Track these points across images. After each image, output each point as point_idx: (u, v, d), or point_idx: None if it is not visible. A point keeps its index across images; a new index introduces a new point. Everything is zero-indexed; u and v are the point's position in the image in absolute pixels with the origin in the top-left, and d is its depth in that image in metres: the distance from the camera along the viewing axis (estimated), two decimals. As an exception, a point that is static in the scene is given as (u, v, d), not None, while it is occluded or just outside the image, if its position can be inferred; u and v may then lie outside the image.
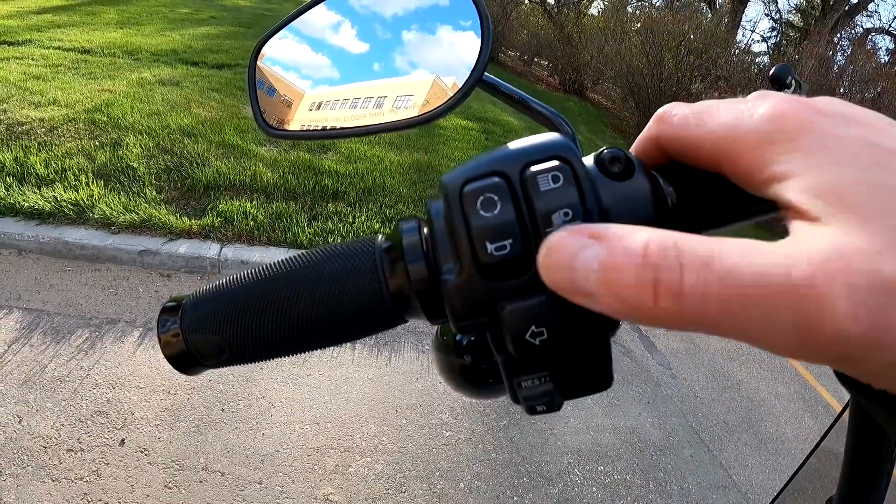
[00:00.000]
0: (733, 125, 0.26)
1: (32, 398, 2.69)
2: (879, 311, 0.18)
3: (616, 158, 0.29)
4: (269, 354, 0.36)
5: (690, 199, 0.30)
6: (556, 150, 0.28)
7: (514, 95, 0.56)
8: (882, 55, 17.59)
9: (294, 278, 0.34)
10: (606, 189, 0.28)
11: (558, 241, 0.24)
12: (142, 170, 4.47)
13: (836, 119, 0.23)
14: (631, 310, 0.22)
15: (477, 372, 0.45)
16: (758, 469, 3.31)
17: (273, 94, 0.66)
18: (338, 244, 0.35)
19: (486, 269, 0.27)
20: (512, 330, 0.27)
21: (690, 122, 0.28)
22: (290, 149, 5.40)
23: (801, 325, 0.19)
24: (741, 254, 0.20)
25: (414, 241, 0.31)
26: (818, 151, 0.22)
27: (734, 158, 0.26)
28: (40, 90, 5.41)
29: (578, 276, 0.23)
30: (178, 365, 0.37)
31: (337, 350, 3.41)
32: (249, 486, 2.50)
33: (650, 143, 0.31)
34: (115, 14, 9.77)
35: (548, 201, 0.27)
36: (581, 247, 0.23)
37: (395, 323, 0.34)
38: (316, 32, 0.65)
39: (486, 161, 0.29)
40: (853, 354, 0.19)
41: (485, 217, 0.27)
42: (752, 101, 0.26)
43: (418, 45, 0.58)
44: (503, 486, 2.81)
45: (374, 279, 0.33)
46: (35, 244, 3.70)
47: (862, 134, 0.23)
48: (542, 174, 0.27)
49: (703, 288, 0.20)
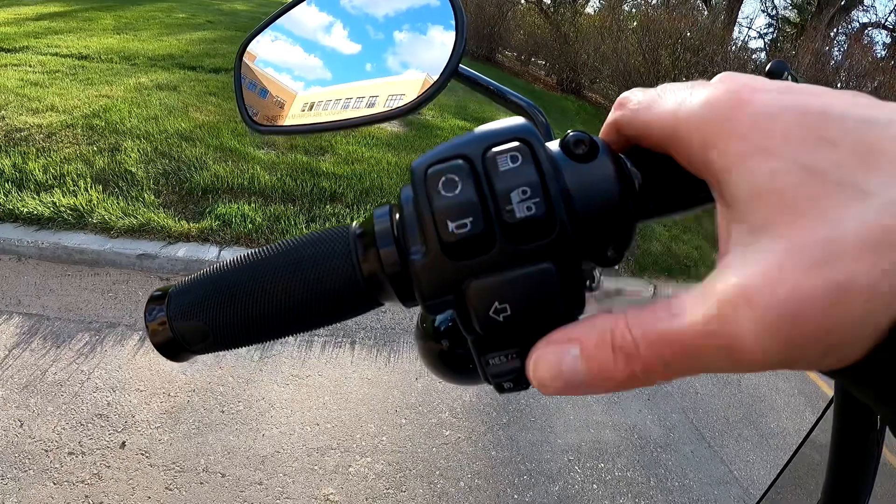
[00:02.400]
0: (675, 110, 0.26)
1: (33, 402, 2.70)
2: (787, 332, 0.20)
3: (580, 141, 0.29)
4: (251, 339, 0.36)
5: (652, 183, 0.31)
6: (517, 133, 0.29)
7: (490, 87, 0.57)
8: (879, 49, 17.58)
9: (272, 264, 0.35)
10: (570, 170, 0.29)
11: (538, 358, 0.27)
12: (140, 174, 4.48)
13: (771, 92, 0.24)
14: (617, 385, 0.25)
15: (455, 357, 0.46)
16: (759, 464, 3.30)
17: (266, 95, 0.67)
18: (316, 231, 0.36)
19: (450, 247, 0.27)
20: (476, 307, 0.27)
21: (642, 107, 0.29)
22: (288, 151, 5.41)
23: (731, 360, 0.22)
24: (673, 317, 0.23)
25: (385, 226, 0.32)
26: (750, 136, 0.23)
27: (678, 144, 0.26)
28: (38, 96, 5.42)
29: (569, 378, 0.26)
30: (166, 352, 0.37)
31: (336, 351, 3.42)
32: (250, 486, 2.51)
33: (611, 128, 0.32)
34: (112, 20, 9.79)
35: (506, 180, 0.27)
36: (561, 354, 0.26)
37: (370, 306, 0.35)
38: (308, 34, 0.65)
39: (450, 146, 0.29)
40: (789, 365, 0.21)
41: (446, 197, 0.28)
42: (698, 85, 0.26)
43: (409, 45, 0.59)
44: (503, 484, 2.81)
45: (348, 264, 0.33)
46: (34, 249, 3.71)
47: (796, 101, 0.23)
48: (502, 154, 0.28)
49: (656, 356, 0.23)
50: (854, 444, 0.56)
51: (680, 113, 0.26)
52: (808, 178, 0.21)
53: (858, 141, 0.21)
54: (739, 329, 0.21)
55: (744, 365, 0.22)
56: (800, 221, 0.20)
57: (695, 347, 0.22)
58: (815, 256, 0.20)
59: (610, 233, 0.29)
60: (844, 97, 0.23)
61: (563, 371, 0.26)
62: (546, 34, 15.81)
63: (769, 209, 0.22)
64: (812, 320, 0.20)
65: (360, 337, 3.59)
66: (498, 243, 0.27)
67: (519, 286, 0.27)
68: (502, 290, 0.27)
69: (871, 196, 0.19)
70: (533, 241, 0.27)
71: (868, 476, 0.56)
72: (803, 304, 0.20)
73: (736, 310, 0.21)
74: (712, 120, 0.24)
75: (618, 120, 0.31)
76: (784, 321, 0.20)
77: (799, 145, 0.21)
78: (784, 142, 0.22)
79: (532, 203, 0.27)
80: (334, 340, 3.52)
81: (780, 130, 0.22)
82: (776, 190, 0.21)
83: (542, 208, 0.27)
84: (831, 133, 0.21)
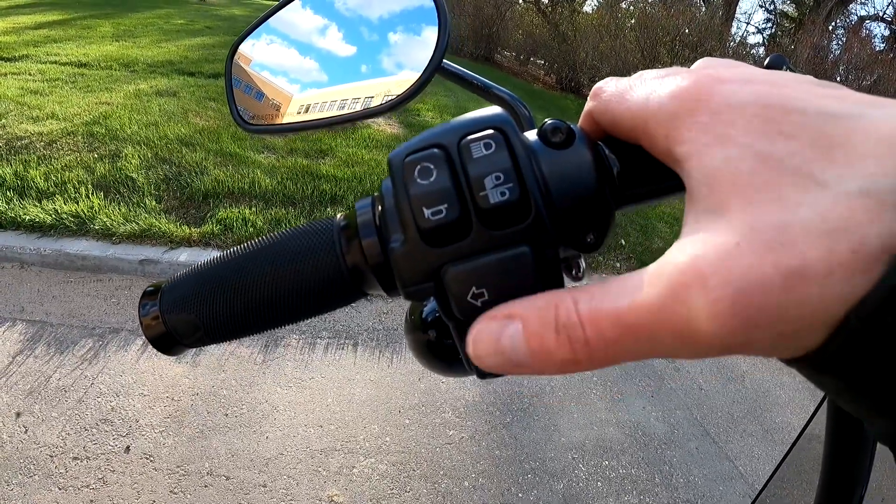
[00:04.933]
0: (644, 105, 0.27)
1: (38, 408, 2.71)
2: (741, 314, 0.20)
3: (557, 129, 0.30)
4: (240, 331, 0.37)
5: (629, 171, 0.31)
6: (492, 122, 0.29)
7: (475, 81, 0.58)
8: (877, 42, 17.56)
9: (259, 257, 0.36)
10: (546, 157, 0.29)
11: (478, 333, 0.27)
12: (141, 180, 4.49)
13: (734, 84, 0.24)
14: (558, 366, 0.24)
15: (443, 347, 0.47)
16: (765, 460, 3.29)
17: (262, 98, 0.67)
18: (302, 225, 0.37)
19: (427, 234, 0.28)
20: (455, 292, 0.28)
21: (614, 98, 0.29)
22: (288, 155, 5.41)
23: (683, 342, 0.21)
24: (620, 294, 0.23)
25: (367, 218, 0.33)
26: (712, 127, 0.23)
27: (647, 136, 0.27)
28: (38, 105, 5.44)
29: (508, 355, 0.25)
30: (160, 346, 0.38)
31: (339, 352, 3.43)
32: (254, 489, 2.51)
33: (587, 118, 0.32)
34: (111, 27, 9.81)
35: (480, 166, 0.28)
36: (500, 330, 0.26)
37: (355, 297, 0.36)
38: (303, 37, 0.66)
39: (426, 135, 0.30)
40: (743, 350, 0.21)
41: (421, 185, 0.28)
42: (670, 74, 0.27)
43: (404, 46, 0.59)
44: (508, 482, 2.80)
45: (332, 256, 0.34)
46: (37, 257, 3.72)
47: (758, 93, 0.23)
48: (476, 142, 0.28)
49: (600, 335, 0.23)
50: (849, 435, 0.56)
51: (648, 107, 0.26)
52: (763, 165, 0.21)
53: (817, 134, 0.21)
54: (692, 310, 0.21)
55: (696, 348, 0.21)
56: (755, 204, 0.21)
57: (644, 328, 0.22)
58: (770, 239, 0.20)
59: (587, 218, 0.29)
60: (806, 89, 0.23)
61: (502, 347, 0.26)
62: (544, 33, 15.81)
63: (724, 192, 0.22)
64: (765, 304, 0.20)
65: (362, 339, 3.59)
66: (474, 229, 0.28)
67: (495, 271, 0.27)
68: (479, 275, 0.28)
69: (827, 186, 0.20)
70: (508, 227, 0.28)
71: (864, 466, 0.56)
72: (757, 286, 0.20)
73: (689, 289, 0.21)
74: (677, 114, 0.24)
75: (592, 110, 0.31)
76: (738, 303, 0.20)
77: (758, 136, 0.22)
78: (743, 131, 0.22)
79: (506, 188, 0.27)
80: (337, 342, 3.52)
81: (741, 122, 0.22)
82: (731, 174, 0.22)
83: (515, 193, 0.27)
84: (790, 125, 0.21)
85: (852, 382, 0.20)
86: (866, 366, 0.19)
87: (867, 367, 0.19)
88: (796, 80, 0.24)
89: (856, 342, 0.19)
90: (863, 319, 0.19)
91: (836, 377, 0.20)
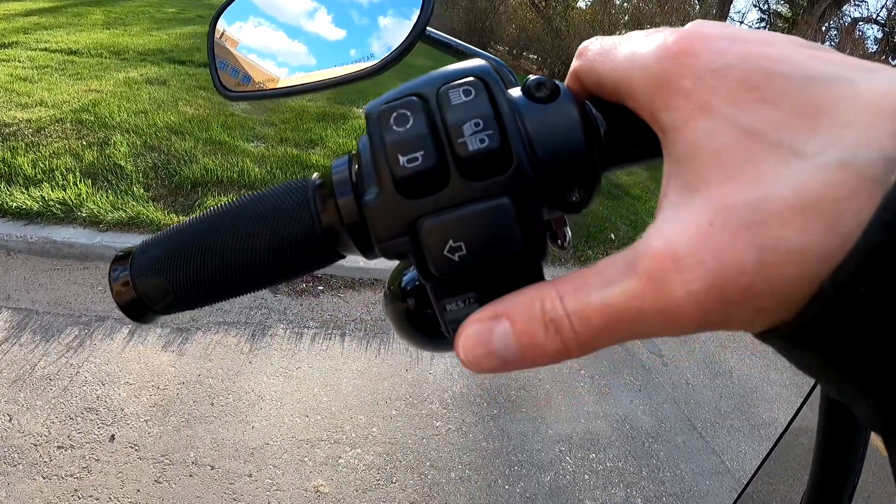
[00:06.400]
0: (628, 65, 0.26)
1: (22, 396, 2.69)
2: (717, 294, 0.20)
3: (541, 84, 0.29)
4: (212, 295, 0.36)
5: (616, 131, 0.30)
6: (473, 71, 0.29)
7: (459, 48, 0.57)
8: (870, 44, 17.67)
9: (232, 217, 0.35)
10: (529, 110, 0.28)
11: (466, 338, 0.26)
12: (129, 168, 4.46)
13: (720, 41, 0.23)
14: (551, 359, 0.25)
15: (423, 317, 0.45)
16: (751, 455, 3.31)
17: (249, 81, 0.66)
18: (278, 185, 0.36)
19: (403, 183, 0.27)
20: (430, 247, 0.27)
21: (599, 58, 0.28)
22: (278, 144, 5.40)
23: (665, 324, 0.22)
24: (603, 283, 0.23)
25: (343, 175, 0.32)
26: (695, 94, 0.22)
27: (632, 97, 0.26)
28: (27, 91, 5.40)
29: (501, 355, 0.25)
30: (130, 312, 0.37)
31: (326, 342, 3.42)
32: (239, 479, 2.51)
33: (573, 77, 0.31)
34: (102, 15, 9.75)
35: (458, 113, 0.27)
36: (489, 331, 0.26)
37: (331, 259, 0.35)
38: (292, 19, 0.65)
39: (405, 86, 0.29)
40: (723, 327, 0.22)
41: (397, 132, 0.27)
42: (656, 34, 0.26)
43: (394, 30, 0.59)
44: (494, 474, 2.81)
45: (307, 215, 0.33)
46: (23, 244, 3.69)
47: (743, 54, 0.22)
48: (455, 89, 0.28)
49: (587, 325, 0.23)
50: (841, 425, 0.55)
51: (632, 68, 0.26)
52: (745, 139, 0.21)
53: (800, 100, 0.20)
54: (670, 292, 0.21)
55: (677, 327, 0.22)
56: (732, 182, 0.20)
57: (628, 314, 0.22)
58: (744, 218, 0.20)
59: (572, 174, 0.28)
60: (793, 49, 0.22)
61: (495, 348, 0.25)
62: (538, 28, 15.80)
63: (704, 168, 0.21)
64: (741, 283, 0.20)
65: (350, 328, 3.58)
66: (452, 179, 0.27)
67: (473, 223, 0.26)
68: (456, 228, 0.27)
69: (805, 157, 0.19)
70: (488, 177, 0.27)
71: (856, 460, 0.56)
72: (731, 266, 0.20)
73: (665, 273, 0.21)
74: (660, 76, 0.24)
75: (577, 69, 0.30)
76: (713, 284, 0.20)
77: (741, 105, 0.21)
78: (726, 101, 0.21)
79: (485, 135, 0.26)
80: (324, 332, 3.51)
81: (724, 89, 0.22)
82: (712, 149, 0.21)
83: (496, 141, 0.26)
84: (774, 92, 0.21)
85: (831, 356, 0.20)
86: (844, 337, 0.19)
87: (845, 338, 0.19)
88: (784, 39, 0.23)
89: (831, 312, 0.19)
90: (837, 288, 0.18)
91: (814, 351, 0.20)
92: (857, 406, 0.20)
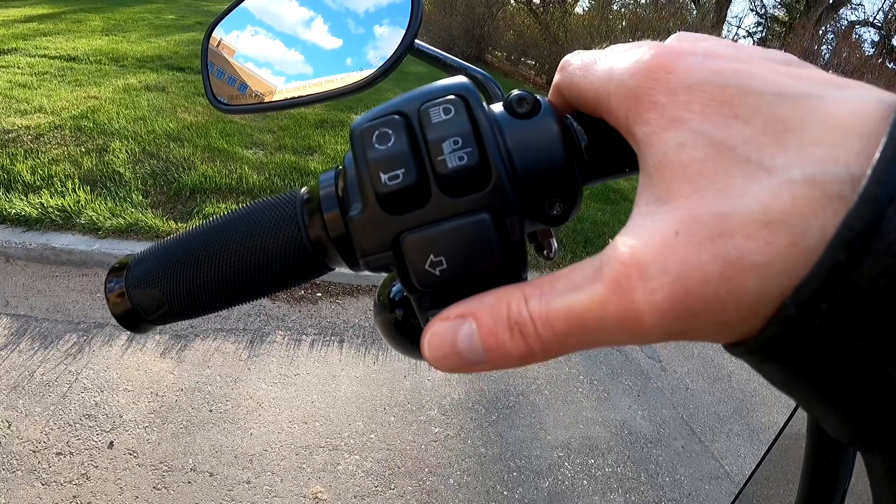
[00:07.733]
0: (606, 81, 0.26)
1: (21, 403, 2.68)
2: (680, 305, 0.20)
3: (523, 99, 0.30)
4: (204, 306, 0.37)
5: (597, 144, 0.31)
6: (453, 89, 0.29)
7: (447, 62, 0.58)
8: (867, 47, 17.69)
9: (224, 231, 0.35)
10: (511, 128, 0.29)
11: (432, 336, 0.27)
12: (128, 175, 4.47)
13: (695, 58, 0.23)
14: (515, 361, 0.25)
15: (410, 327, 0.47)
16: (750, 459, 3.30)
17: (245, 90, 0.67)
18: (267, 198, 0.36)
19: (385, 200, 0.28)
20: (413, 261, 0.27)
21: (579, 72, 0.29)
22: (276, 151, 5.41)
23: (628, 333, 0.22)
24: (568, 289, 0.23)
25: (329, 190, 0.32)
26: (669, 109, 0.23)
27: (609, 112, 0.27)
28: (26, 98, 5.41)
29: (465, 355, 0.26)
30: (125, 323, 0.38)
31: (324, 349, 3.42)
32: (238, 485, 2.50)
33: (555, 91, 0.32)
34: (101, 21, 9.76)
35: (438, 131, 0.27)
36: (454, 330, 0.26)
37: (319, 272, 0.36)
38: (288, 28, 0.66)
39: (388, 104, 0.30)
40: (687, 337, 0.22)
41: (379, 150, 0.28)
42: (634, 48, 0.26)
43: (390, 39, 0.59)
44: (493, 480, 2.81)
45: (295, 229, 0.34)
46: (22, 251, 3.69)
47: (717, 70, 0.22)
48: (436, 107, 0.28)
49: (551, 330, 0.23)
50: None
51: (609, 83, 0.26)
52: (715, 153, 0.21)
53: (771, 117, 0.21)
54: (634, 301, 0.21)
55: (640, 335, 0.22)
56: (700, 194, 0.21)
57: (592, 321, 0.22)
58: (710, 230, 0.20)
59: (552, 189, 0.29)
60: (768, 66, 0.23)
61: (458, 348, 0.26)
62: (535, 34, 15.80)
63: (673, 180, 0.22)
64: (704, 294, 0.20)
65: (348, 335, 3.58)
66: (433, 196, 0.27)
67: (453, 238, 0.27)
68: (437, 243, 0.27)
69: (773, 173, 0.19)
70: (468, 193, 0.27)
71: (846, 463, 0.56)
72: (695, 277, 0.20)
73: (630, 281, 0.21)
74: (635, 90, 0.24)
75: (559, 83, 0.31)
76: (676, 294, 0.20)
77: (713, 120, 0.22)
78: (698, 115, 0.22)
79: (464, 153, 0.27)
80: (322, 339, 3.51)
81: (697, 105, 0.22)
82: (682, 162, 0.22)
83: (474, 158, 0.27)
84: (746, 108, 0.21)
85: (795, 372, 0.20)
86: (807, 354, 0.19)
87: (808, 354, 0.19)
88: (759, 55, 0.24)
89: (793, 328, 0.19)
90: (799, 305, 0.18)
91: (779, 366, 0.20)
92: (824, 420, 0.21)
